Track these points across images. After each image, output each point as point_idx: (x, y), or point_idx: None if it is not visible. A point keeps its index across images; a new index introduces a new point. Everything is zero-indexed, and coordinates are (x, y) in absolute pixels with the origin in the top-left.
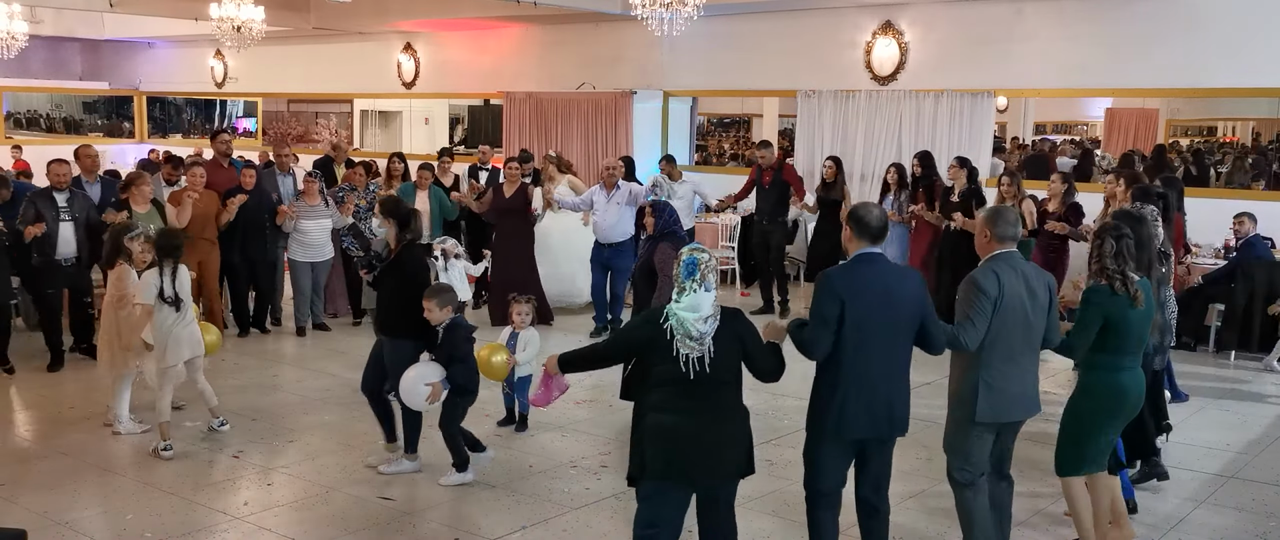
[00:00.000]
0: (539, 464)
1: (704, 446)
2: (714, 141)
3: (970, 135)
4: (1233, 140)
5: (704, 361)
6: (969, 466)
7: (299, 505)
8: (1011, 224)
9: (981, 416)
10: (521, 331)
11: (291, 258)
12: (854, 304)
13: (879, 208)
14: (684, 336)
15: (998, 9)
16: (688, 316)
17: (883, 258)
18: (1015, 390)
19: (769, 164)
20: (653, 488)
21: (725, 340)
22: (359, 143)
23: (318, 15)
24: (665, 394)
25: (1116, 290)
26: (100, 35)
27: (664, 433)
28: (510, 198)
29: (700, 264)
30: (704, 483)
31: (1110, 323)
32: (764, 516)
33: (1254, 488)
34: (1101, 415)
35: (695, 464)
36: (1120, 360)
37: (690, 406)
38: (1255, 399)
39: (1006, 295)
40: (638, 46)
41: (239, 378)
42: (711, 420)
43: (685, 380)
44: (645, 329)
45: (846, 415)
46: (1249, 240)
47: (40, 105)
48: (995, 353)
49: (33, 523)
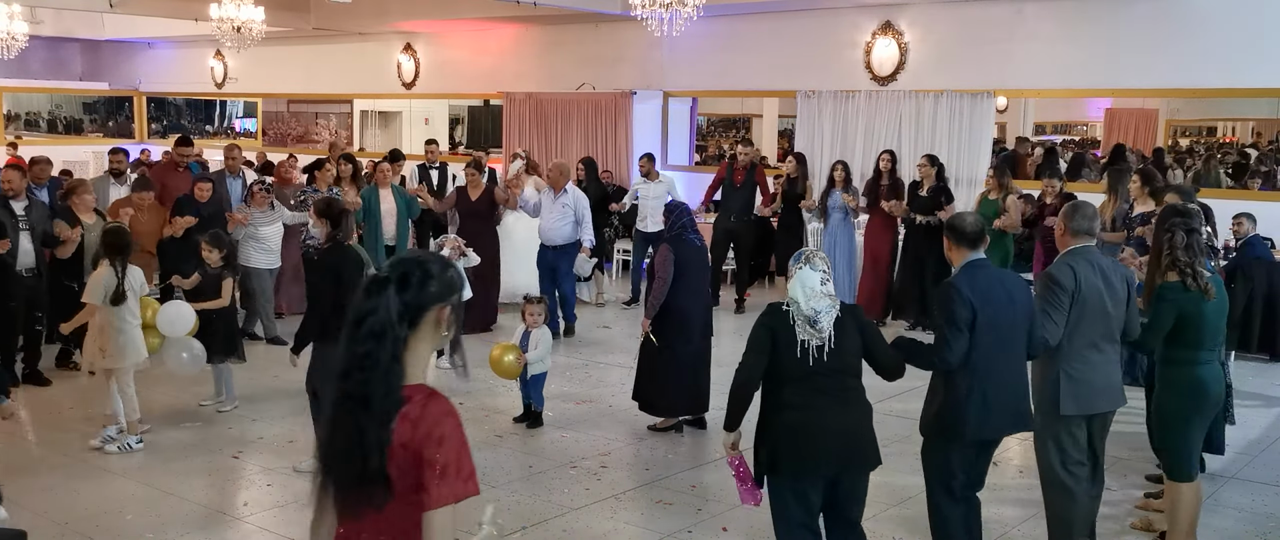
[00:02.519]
0: (539, 464)
1: (836, 436)
2: (714, 142)
3: (970, 135)
4: (1232, 140)
5: (824, 351)
6: (1067, 462)
7: (299, 505)
8: (1089, 218)
9: (1067, 409)
10: (533, 330)
11: (251, 265)
12: (984, 308)
13: (972, 215)
14: (803, 323)
15: (998, 9)
16: (800, 296)
17: (989, 262)
18: (1099, 382)
19: (745, 163)
20: (790, 483)
21: (846, 333)
22: (359, 143)
23: (318, 15)
24: (793, 389)
25: (1188, 286)
26: (100, 35)
27: (797, 426)
28: (475, 201)
29: (804, 253)
30: (836, 473)
31: (1184, 317)
32: None
33: (1254, 488)
34: (1187, 410)
35: (829, 454)
36: (1197, 355)
37: (818, 399)
38: (1255, 399)
39: (1084, 288)
40: (638, 46)
41: (237, 378)
42: (841, 411)
43: (811, 373)
44: (769, 320)
45: (987, 418)
46: (1249, 240)
47: (40, 106)
48: (1075, 345)
49: (33, 523)
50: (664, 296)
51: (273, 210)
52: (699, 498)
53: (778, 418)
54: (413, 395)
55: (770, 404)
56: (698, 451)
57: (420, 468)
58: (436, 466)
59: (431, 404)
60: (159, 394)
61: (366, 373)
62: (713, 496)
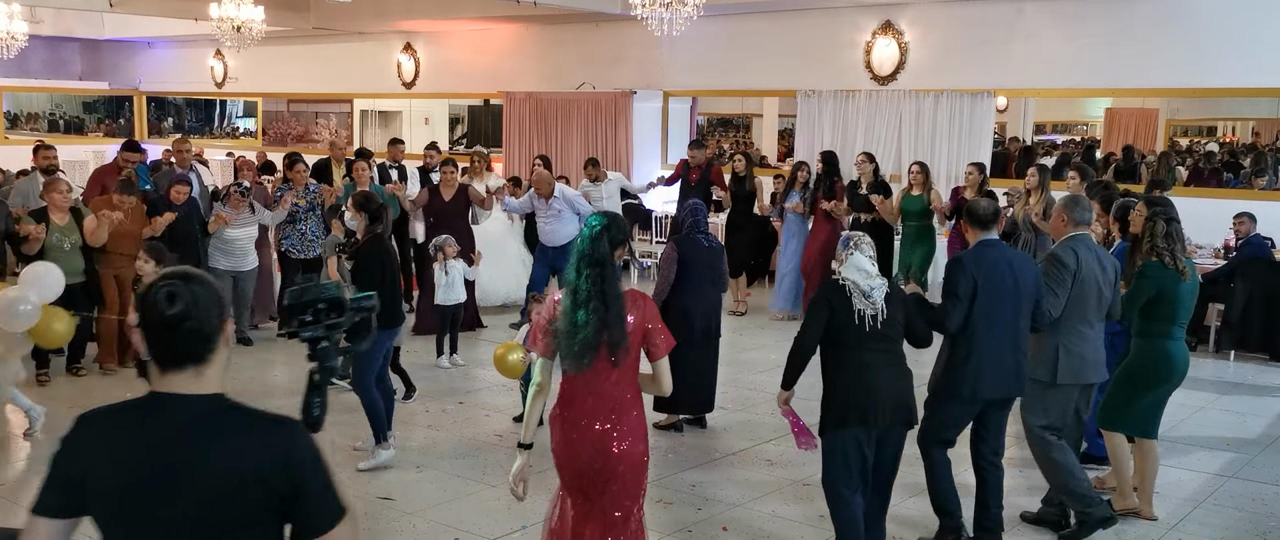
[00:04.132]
0: (539, 463)
1: (890, 393)
2: (714, 141)
3: (970, 135)
4: (1232, 140)
5: (877, 319)
6: (1051, 423)
7: None
8: (1087, 210)
9: (1063, 378)
10: None
11: (213, 266)
12: (986, 282)
13: (987, 200)
14: (859, 295)
15: (998, 9)
16: (858, 276)
17: (1001, 242)
18: (1090, 355)
19: (698, 163)
20: (848, 435)
21: (894, 305)
22: (359, 143)
23: (318, 15)
24: (852, 353)
25: (1167, 265)
26: (100, 35)
27: (859, 384)
28: (449, 202)
29: (851, 238)
30: (889, 425)
31: (1161, 294)
32: (788, 504)
33: (1254, 488)
34: (1151, 378)
35: (884, 408)
36: (1170, 329)
37: (874, 360)
38: (1255, 399)
39: (1083, 269)
40: (638, 46)
41: (237, 376)
42: (895, 372)
43: (866, 338)
44: (827, 294)
45: (982, 379)
46: (1249, 240)
47: (40, 105)
48: (1072, 320)
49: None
50: (665, 294)
51: (251, 213)
52: (699, 497)
53: (841, 378)
54: (628, 294)
55: (832, 367)
56: (699, 451)
57: (643, 335)
58: (658, 333)
59: (640, 298)
60: None
61: (605, 284)
62: (713, 496)
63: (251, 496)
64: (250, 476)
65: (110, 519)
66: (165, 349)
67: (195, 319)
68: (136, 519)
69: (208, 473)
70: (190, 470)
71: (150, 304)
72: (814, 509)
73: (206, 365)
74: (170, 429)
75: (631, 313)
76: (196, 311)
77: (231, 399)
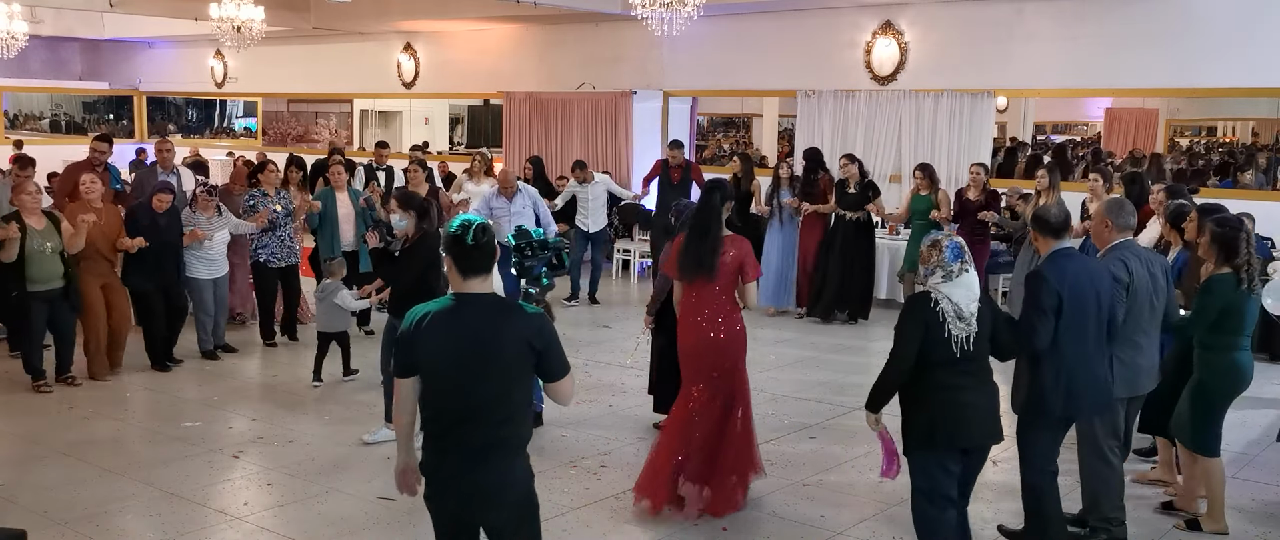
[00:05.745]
0: (539, 464)
1: (983, 413)
2: (714, 141)
3: (970, 135)
4: (1232, 140)
5: (969, 340)
6: (1112, 439)
7: (299, 505)
8: (1131, 214)
9: (1119, 391)
10: None
11: (193, 276)
12: (1071, 295)
13: (1057, 206)
14: (954, 319)
15: (998, 9)
16: (964, 298)
17: (1077, 252)
18: (1145, 365)
19: (678, 163)
20: (942, 457)
21: (983, 321)
22: (359, 143)
23: (318, 15)
24: (944, 372)
25: (1241, 282)
26: (100, 35)
27: (951, 405)
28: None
29: (964, 249)
30: (978, 444)
31: (1228, 308)
32: (789, 504)
33: (1254, 487)
34: (1226, 391)
35: (977, 429)
36: (1238, 340)
37: (964, 380)
38: (1255, 399)
39: (1135, 279)
40: (638, 46)
41: (235, 378)
42: (982, 391)
43: (958, 359)
44: (920, 314)
45: (1073, 397)
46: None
47: (40, 105)
48: (1125, 332)
49: (33, 523)
50: (664, 294)
51: (219, 216)
52: None
53: (931, 397)
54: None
55: (921, 386)
56: None
57: (738, 269)
58: (749, 266)
59: (738, 240)
60: (159, 394)
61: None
62: None
63: (523, 354)
64: (524, 342)
65: (441, 377)
66: (470, 264)
67: (489, 245)
68: (463, 373)
69: (502, 340)
70: (497, 338)
71: (459, 237)
72: (814, 509)
73: (489, 275)
74: (478, 315)
75: (730, 249)
76: (487, 241)
77: (499, 295)
